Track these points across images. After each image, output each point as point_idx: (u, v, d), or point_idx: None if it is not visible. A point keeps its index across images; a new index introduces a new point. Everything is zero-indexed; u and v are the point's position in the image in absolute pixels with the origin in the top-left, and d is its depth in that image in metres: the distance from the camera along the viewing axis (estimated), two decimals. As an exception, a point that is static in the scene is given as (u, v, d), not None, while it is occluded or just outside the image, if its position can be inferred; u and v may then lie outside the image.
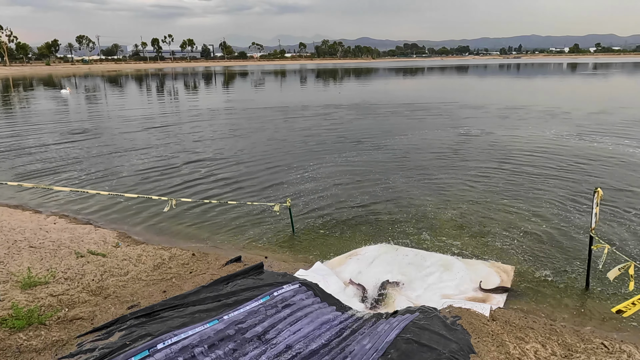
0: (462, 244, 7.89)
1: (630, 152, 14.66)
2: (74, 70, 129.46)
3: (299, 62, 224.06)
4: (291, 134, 19.59)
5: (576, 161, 13.68)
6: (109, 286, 6.06)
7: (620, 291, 6.21)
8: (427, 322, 4.78)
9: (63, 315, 5.10)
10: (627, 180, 11.48)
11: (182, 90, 50.60)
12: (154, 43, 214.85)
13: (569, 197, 10.30)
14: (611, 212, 9.22)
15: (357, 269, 6.74)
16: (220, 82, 67.65)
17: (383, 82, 60.20)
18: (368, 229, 8.74)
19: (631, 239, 7.95)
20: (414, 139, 17.71)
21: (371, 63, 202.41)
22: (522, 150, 15.40)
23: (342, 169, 13.38)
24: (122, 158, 15.17)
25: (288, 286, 5.74)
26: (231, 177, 12.61)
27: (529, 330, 4.87)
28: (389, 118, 24.15)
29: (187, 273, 6.60)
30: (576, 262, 7.15)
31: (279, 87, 55.55)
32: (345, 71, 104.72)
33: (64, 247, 7.32)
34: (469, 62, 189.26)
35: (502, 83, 56.67)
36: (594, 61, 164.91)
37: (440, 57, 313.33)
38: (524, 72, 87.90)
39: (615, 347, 4.55)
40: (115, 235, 8.36)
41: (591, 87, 47.46)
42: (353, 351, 4.41)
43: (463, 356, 4.19)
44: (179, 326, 4.68)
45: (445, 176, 12.26)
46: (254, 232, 8.76)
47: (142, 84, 64.21)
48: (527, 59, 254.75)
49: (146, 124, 23.36)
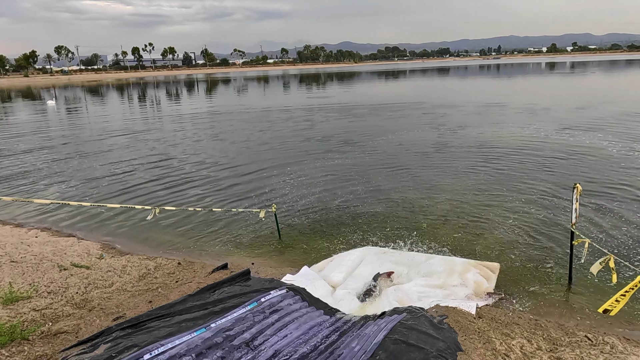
0: (447, 243, 7.96)
1: (605, 146, 14.98)
2: (54, 81, 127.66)
3: (282, 67, 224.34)
4: (274, 138, 19.56)
5: (556, 156, 13.95)
6: (94, 298, 5.98)
7: (604, 284, 6.32)
8: (415, 322, 4.81)
9: (47, 330, 5.02)
10: (606, 174, 11.72)
11: (164, 99, 50.24)
12: (134, 52, 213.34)
13: (550, 192, 10.46)
14: (592, 206, 9.39)
15: (344, 272, 6.75)
16: (203, 90, 67.29)
17: (366, 85, 60.52)
18: (354, 231, 8.76)
19: (611, 232, 8.11)
20: (398, 139, 17.83)
21: (353, 67, 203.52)
22: (503, 147, 15.63)
23: (327, 171, 13.41)
24: (103, 167, 14.98)
25: (275, 292, 5.73)
26: (215, 184, 12.55)
27: (515, 326, 4.94)
28: (371, 119, 24.28)
29: (173, 282, 6.55)
30: (559, 257, 7.26)
31: (262, 92, 55.49)
32: (328, 75, 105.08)
33: (46, 260, 7.21)
34: (450, 64, 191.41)
35: (483, 83, 57.41)
36: (571, 60, 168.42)
37: (422, 60, 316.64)
38: (504, 72, 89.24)
39: (599, 340, 4.63)
40: (99, 246, 8.25)
41: (570, 85, 48.38)
42: (342, 354, 4.41)
43: (450, 354, 4.22)
44: (166, 336, 4.64)
45: (429, 175, 12.36)
46: (240, 238, 8.73)
47: (123, 93, 63.59)
48: (507, 59, 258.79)
49: (127, 132, 23.13)
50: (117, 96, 58.22)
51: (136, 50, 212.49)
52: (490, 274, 6.48)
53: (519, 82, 57.46)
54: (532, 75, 72.35)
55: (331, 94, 46.74)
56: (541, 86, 48.09)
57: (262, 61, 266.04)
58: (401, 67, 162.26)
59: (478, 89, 46.12)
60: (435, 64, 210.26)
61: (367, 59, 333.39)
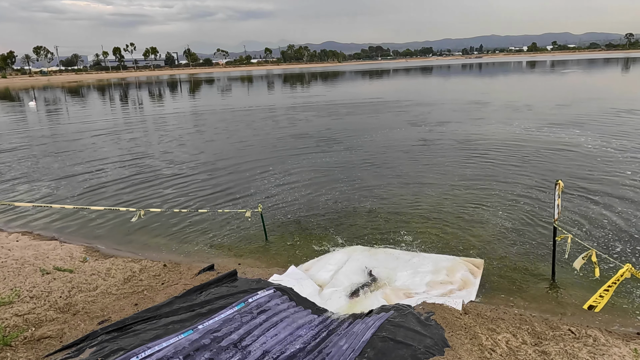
0: (432, 240, 8.03)
1: (585, 142, 15.26)
2: (33, 82, 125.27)
3: (266, 67, 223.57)
4: (258, 138, 19.49)
5: (539, 152, 14.24)
6: (78, 302, 5.88)
7: (587, 278, 6.43)
8: (402, 319, 4.85)
9: (30, 335, 4.93)
10: (587, 170, 11.97)
11: (147, 99, 49.66)
12: (115, 52, 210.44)
13: (533, 188, 10.63)
14: (574, 201, 9.57)
15: (331, 271, 6.76)
16: (186, 90, 66.70)
17: (350, 84, 60.67)
18: (341, 230, 8.78)
19: (594, 227, 8.27)
20: (382, 137, 17.93)
21: (337, 66, 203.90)
22: (487, 143, 15.84)
23: (312, 170, 13.42)
24: (83, 169, 14.74)
25: (263, 292, 5.72)
26: (201, 185, 12.45)
27: (500, 321, 5.00)
28: (356, 117, 24.36)
29: (159, 284, 6.48)
30: (543, 252, 7.38)
31: (247, 92, 55.23)
32: (312, 75, 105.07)
33: (28, 264, 7.07)
34: (433, 63, 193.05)
35: (466, 81, 58.03)
36: (551, 59, 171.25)
37: (405, 59, 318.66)
38: (486, 71, 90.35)
39: (582, 333, 4.72)
40: (82, 249, 8.12)
41: (551, 83, 49.13)
42: (330, 353, 4.42)
43: (438, 350, 4.26)
44: (153, 339, 4.59)
45: (414, 173, 12.45)
46: (227, 239, 8.68)
47: (105, 94, 62.66)
48: (489, 58, 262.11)
49: (108, 133, 22.80)
50: (98, 97, 57.37)
51: (117, 51, 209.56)
52: (475, 270, 6.56)
53: (501, 80, 58.22)
54: (513, 74, 73.38)
55: (315, 93, 46.75)
56: (523, 84, 48.80)
57: (246, 61, 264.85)
58: (385, 67, 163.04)
59: (461, 88, 46.61)
60: (419, 63, 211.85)
61: (351, 58, 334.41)
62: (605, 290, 4.54)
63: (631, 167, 12.09)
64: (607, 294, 4.51)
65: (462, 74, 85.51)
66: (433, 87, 51.04)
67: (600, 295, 4.54)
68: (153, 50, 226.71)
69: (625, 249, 7.38)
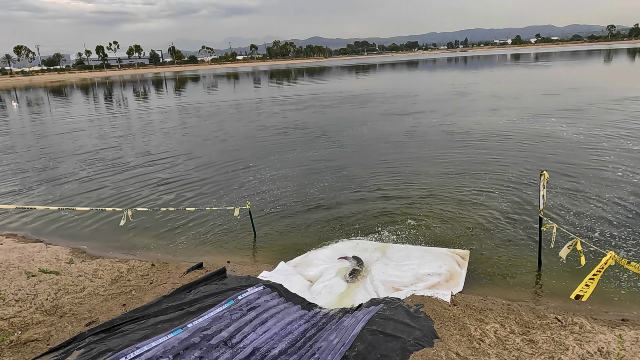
0: (419, 232, 8.06)
1: (570, 131, 15.44)
2: (14, 83, 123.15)
3: (252, 64, 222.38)
4: (245, 134, 19.41)
5: (524, 142, 14.48)
6: (65, 304, 5.81)
7: (573, 267, 6.51)
8: (392, 312, 4.87)
9: (16, 339, 4.86)
10: (572, 159, 12.14)
11: (131, 98, 49.11)
12: (98, 51, 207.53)
13: (519, 178, 10.73)
14: (559, 190, 9.68)
15: (320, 266, 6.77)
16: (171, 88, 66.08)
17: (337, 79, 60.60)
18: (329, 225, 8.78)
19: (579, 215, 8.38)
20: (369, 130, 17.99)
21: (324, 62, 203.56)
22: (473, 134, 16.01)
23: (299, 165, 13.40)
24: (68, 170, 14.54)
25: (252, 289, 5.70)
26: (187, 182, 12.36)
27: (488, 311, 5.05)
28: (342, 111, 24.37)
29: (147, 284, 6.43)
30: (530, 242, 7.46)
31: (233, 89, 54.90)
32: (298, 71, 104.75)
33: (12, 267, 6.96)
34: (418, 57, 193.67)
35: (452, 74, 58.30)
36: (535, 51, 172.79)
37: (391, 54, 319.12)
38: (472, 64, 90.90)
39: (568, 321, 4.79)
40: (68, 251, 8.02)
41: (535, 74, 49.57)
42: (321, 347, 4.43)
43: (427, 342, 4.29)
44: (141, 338, 4.56)
45: (401, 165, 12.52)
46: (215, 237, 8.63)
47: (89, 94, 61.83)
48: (474, 51, 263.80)
49: (93, 132, 22.52)
50: (82, 96, 56.59)
51: (100, 49, 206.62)
52: (462, 261, 6.62)
53: (486, 73, 58.61)
54: (498, 67, 73.89)
55: (302, 88, 46.63)
56: (508, 76, 49.18)
57: (232, 58, 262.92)
58: (371, 61, 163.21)
59: (447, 80, 46.82)
60: (405, 57, 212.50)
61: (337, 53, 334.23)
62: (591, 279, 4.59)
63: (616, 155, 12.26)
64: (593, 282, 4.57)
65: (448, 67, 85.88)
66: (419, 80, 51.20)
67: (586, 284, 4.59)
68: (137, 48, 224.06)
69: (610, 236, 7.49)
